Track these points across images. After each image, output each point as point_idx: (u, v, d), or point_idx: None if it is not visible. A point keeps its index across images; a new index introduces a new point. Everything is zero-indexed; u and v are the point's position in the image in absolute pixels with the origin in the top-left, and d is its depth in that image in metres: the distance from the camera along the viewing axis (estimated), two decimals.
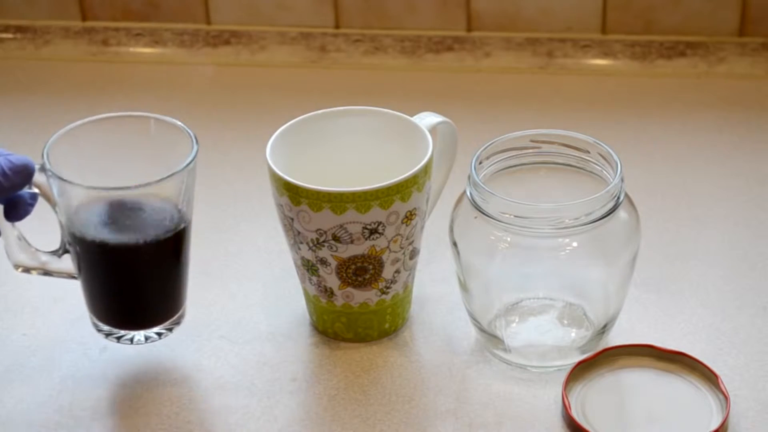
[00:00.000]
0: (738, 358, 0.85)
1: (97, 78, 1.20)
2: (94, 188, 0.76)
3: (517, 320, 0.86)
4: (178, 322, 0.84)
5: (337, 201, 0.80)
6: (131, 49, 1.23)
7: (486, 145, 0.83)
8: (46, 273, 0.82)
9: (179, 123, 0.81)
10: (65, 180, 0.76)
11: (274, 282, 0.93)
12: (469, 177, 0.81)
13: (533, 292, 0.87)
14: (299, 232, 0.83)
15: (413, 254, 0.85)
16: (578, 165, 0.84)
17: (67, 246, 0.80)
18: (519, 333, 0.86)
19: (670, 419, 0.80)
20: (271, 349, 0.87)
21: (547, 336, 0.86)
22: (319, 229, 0.81)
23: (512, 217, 0.79)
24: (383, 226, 0.81)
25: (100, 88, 1.18)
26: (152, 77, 1.20)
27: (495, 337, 0.85)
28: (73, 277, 0.82)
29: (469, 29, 1.21)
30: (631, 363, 0.84)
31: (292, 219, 0.82)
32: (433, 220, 0.90)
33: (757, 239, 0.96)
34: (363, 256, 0.82)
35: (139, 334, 0.83)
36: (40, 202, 0.79)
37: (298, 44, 1.21)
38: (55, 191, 0.77)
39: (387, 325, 0.87)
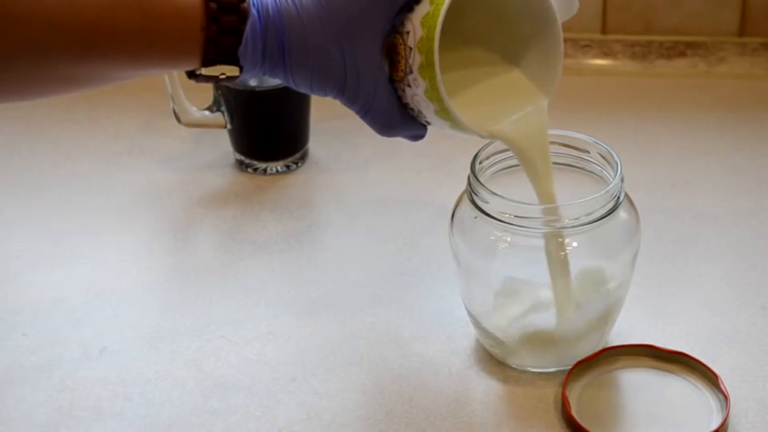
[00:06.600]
0: (738, 358, 0.85)
1: None
2: None
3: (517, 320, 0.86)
4: (303, 159, 1.07)
5: None
6: None
7: (486, 145, 0.83)
8: (204, 126, 1.05)
9: None
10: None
11: (274, 282, 0.93)
12: (469, 177, 0.81)
13: (533, 292, 0.87)
14: None
15: None
16: (578, 165, 0.84)
17: (218, 101, 1.04)
18: (519, 333, 0.86)
19: (670, 419, 0.80)
20: (271, 349, 0.87)
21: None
22: None
23: (512, 217, 0.79)
24: None
25: (100, 88, 1.18)
26: (152, 77, 1.19)
27: (495, 336, 0.85)
28: (223, 127, 1.05)
29: None
30: (631, 363, 0.83)
31: None
32: (433, 220, 0.90)
33: (757, 239, 0.96)
34: None
35: (271, 167, 1.06)
36: None
37: None
38: None
39: None
